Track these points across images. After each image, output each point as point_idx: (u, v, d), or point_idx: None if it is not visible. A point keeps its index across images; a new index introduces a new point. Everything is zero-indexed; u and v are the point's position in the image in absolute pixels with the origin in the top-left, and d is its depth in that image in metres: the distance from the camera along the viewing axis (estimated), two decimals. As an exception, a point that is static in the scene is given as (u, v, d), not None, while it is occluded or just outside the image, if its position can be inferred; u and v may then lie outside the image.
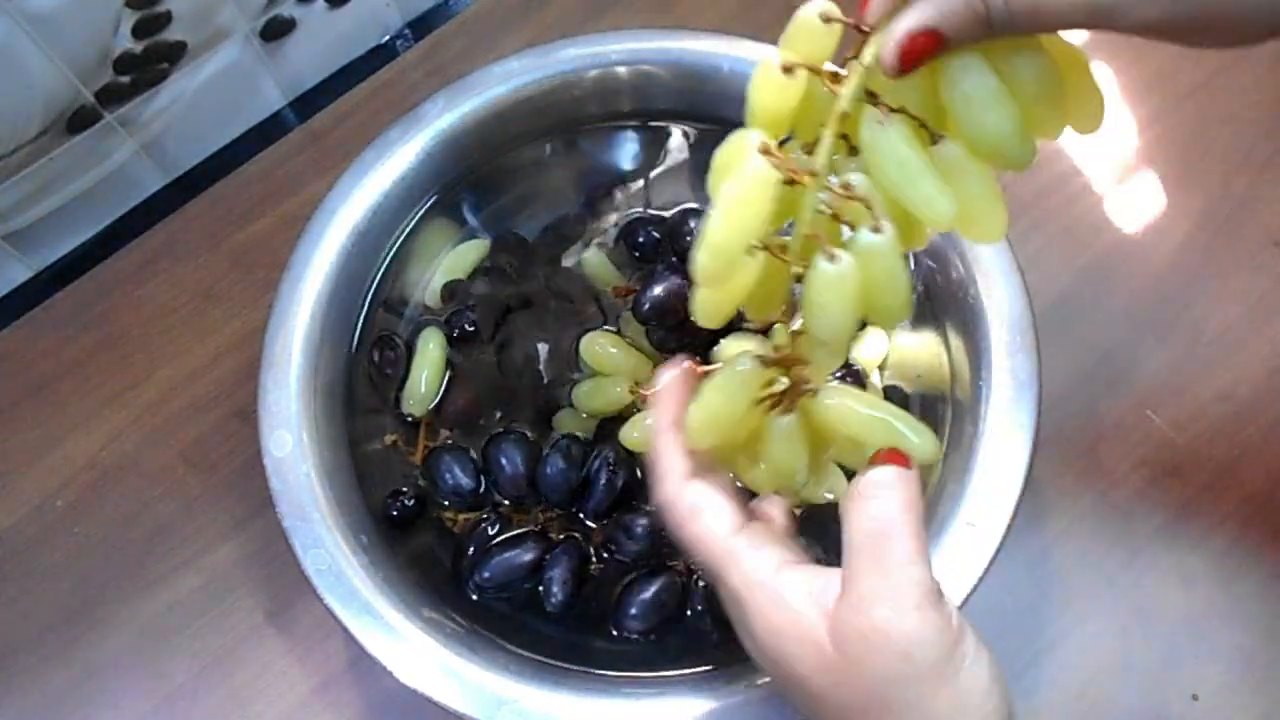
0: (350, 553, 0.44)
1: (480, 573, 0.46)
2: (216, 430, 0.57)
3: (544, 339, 0.53)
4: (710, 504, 0.34)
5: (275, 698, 0.51)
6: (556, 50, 0.54)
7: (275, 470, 0.45)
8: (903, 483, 0.32)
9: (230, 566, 0.54)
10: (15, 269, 0.62)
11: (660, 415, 0.36)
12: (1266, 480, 0.54)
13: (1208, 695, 0.50)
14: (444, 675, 0.42)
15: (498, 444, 0.49)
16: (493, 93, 0.53)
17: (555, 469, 0.47)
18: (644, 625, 0.46)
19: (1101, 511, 0.54)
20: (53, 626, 0.53)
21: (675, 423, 0.36)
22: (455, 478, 0.48)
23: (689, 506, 0.34)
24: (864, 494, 0.32)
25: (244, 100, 0.65)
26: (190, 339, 0.59)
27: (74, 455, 0.57)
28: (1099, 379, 0.57)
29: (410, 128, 0.52)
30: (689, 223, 0.53)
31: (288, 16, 0.62)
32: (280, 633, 0.53)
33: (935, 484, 0.48)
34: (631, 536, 0.46)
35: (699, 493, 0.34)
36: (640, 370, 0.49)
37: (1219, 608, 0.52)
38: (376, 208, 0.51)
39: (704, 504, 0.34)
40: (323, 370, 0.48)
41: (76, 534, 0.55)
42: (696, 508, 0.34)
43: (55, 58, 0.53)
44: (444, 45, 0.68)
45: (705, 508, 0.34)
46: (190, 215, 0.63)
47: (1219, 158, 0.62)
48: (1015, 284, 0.48)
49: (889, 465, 0.32)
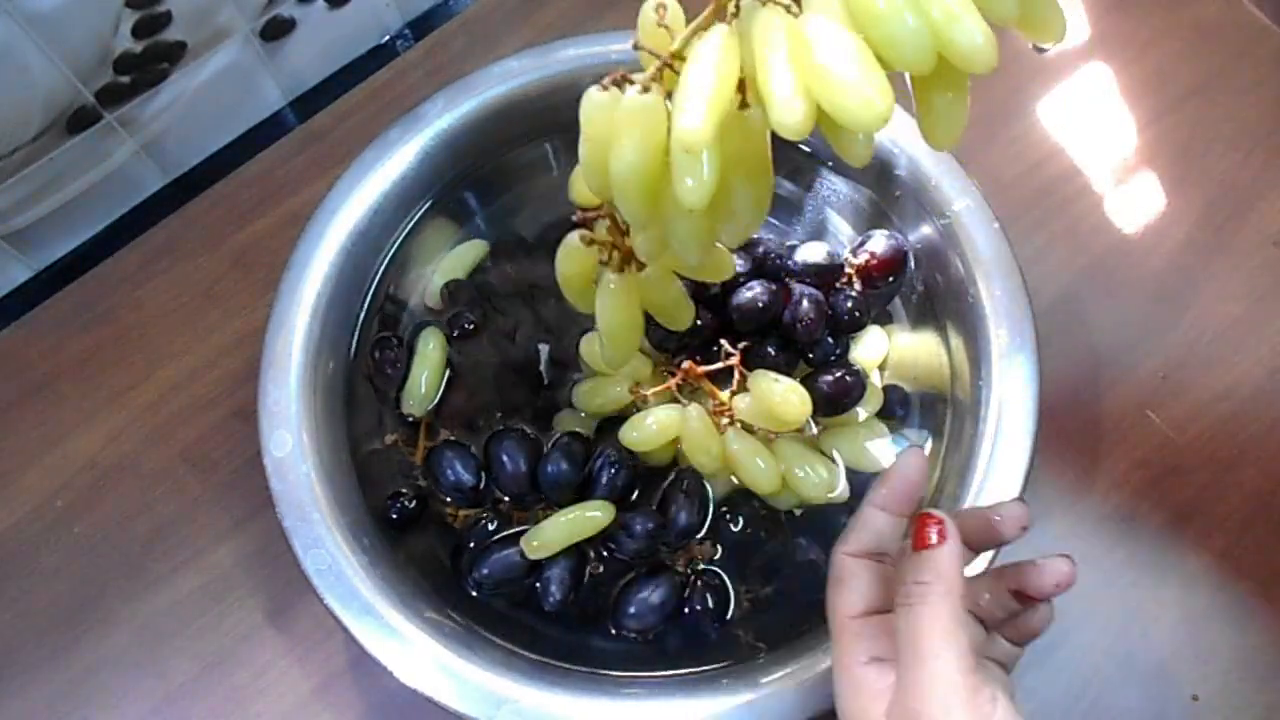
0: (350, 553, 0.44)
1: (479, 569, 0.46)
2: (216, 430, 0.57)
3: (544, 340, 0.53)
4: (853, 582, 0.36)
5: (275, 698, 0.51)
6: (556, 50, 0.54)
7: (275, 470, 0.45)
8: (939, 580, 0.33)
9: (230, 566, 0.54)
10: (15, 269, 0.62)
11: (877, 490, 0.37)
12: (1266, 480, 0.54)
13: (1208, 695, 0.50)
14: (444, 675, 0.42)
15: (499, 441, 0.49)
16: (493, 93, 0.53)
17: (556, 467, 0.47)
18: (642, 625, 0.46)
19: (1101, 511, 0.54)
20: (53, 626, 0.53)
21: (884, 504, 0.37)
22: (456, 474, 0.48)
23: (836, 574, 0.37)
24: (909, 597, 0.33)
25: (244, 100, 0.65)
26: (190, 339, 0.59)
27: (74, 455, 0.57)
28: (1099, 379, 0.57)
29: (410, 128, 0.52)
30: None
31: (288, 16, 0.62)
32: (280, 633, 0.53)
33: (935, 484, 0.48)
34: (631, 535, 0.46)
35: (851, 568, 0.36)
36: (640, 370, 0.49)
37: (1219, 608, 0.52)
38: (376, 208, 0.51)
39: (848, 579, 0.36)
40: (323, 370, 0.48)
41: (76, 534, 0.55)
42: (841, 579, 0.36)
43: (55, 58, 0.53)
44: (444, 45, 0.68)
45: (847, 582, 0.36)
46: (190, 215, 0.63)
47: (1219, 158, 0.62)
48: (1015, 284, 0.48)
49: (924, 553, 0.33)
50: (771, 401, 0.45)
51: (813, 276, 0.49)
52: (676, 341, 0.49)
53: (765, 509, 0.49)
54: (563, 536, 0.45)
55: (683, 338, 0.49)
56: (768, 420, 0.47)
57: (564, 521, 0.45)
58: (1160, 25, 0.66)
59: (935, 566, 0.33)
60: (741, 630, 0.46)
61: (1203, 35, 0.65)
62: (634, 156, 0.32)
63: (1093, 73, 0.65)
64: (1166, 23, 0.66)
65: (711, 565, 0.48)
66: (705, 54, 0.29)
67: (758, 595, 0.47)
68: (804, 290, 0.48)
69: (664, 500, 0.48)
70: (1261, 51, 0.65)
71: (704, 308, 0.49)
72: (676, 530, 0.47)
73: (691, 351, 0.50)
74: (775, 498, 0.48)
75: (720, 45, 0.29)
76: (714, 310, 0.49)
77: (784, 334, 0.49)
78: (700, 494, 0.48)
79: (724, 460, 0.47)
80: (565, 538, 0.46)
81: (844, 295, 0.50)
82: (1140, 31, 0.66)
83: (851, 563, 0.36)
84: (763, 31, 0.29)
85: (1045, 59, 0.66)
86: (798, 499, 0.48)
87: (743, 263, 0.49)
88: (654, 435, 0.47)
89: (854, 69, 0.27)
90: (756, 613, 0.47)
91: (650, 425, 0.47)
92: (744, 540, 0.48)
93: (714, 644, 0.46)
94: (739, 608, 0.47)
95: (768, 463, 0.47)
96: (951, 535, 0.33)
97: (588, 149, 0.35)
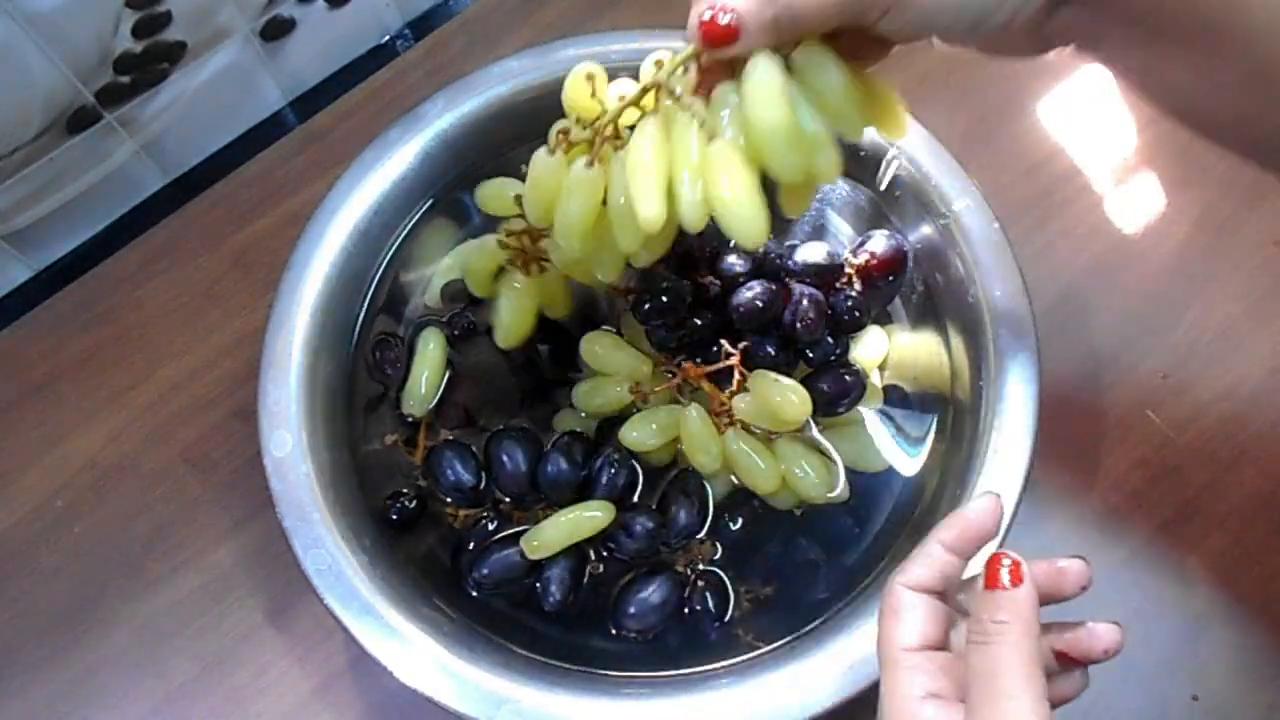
0: (350, 553, 0.44)
1: (479, 569, 0.46)
2: (216, 430, 0.57)
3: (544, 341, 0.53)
4: (910, 614, 0.35)
5: (275, 698, 0.51)
6: (556, 50, 0.54)
7: (275, 470, 0.45)
8: (1018, 620, 0.32)
9: (230, 566, 0.54)
10: (15, 269, 0.62)
11: (948, 529, 0.37)
12: (1266, 480, 0.54)
13: (1208, 695, 0.50)
14: (444, 675, 0.42)
15: (499, 441, 0.49)
16: (493, 93, 0.53)
17: (556, 467, 0.47)
18: (643, 624, 0.46)
19: (1101, 511, 0.54)
20: (53, 626, 0.53)
21: (952, 545, 0.36)
22: (456, 473, 0.48)
23: (893, 605, 0.36)
24: (986, 635, 0.33)
25: (244, 100, 0.65)
26: (190, 339, 0.59)
27: (74, 455, 0.57)
28: (1099, 379, 0.57)
29: (410, 128, 0.52)
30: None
31: (288, 16, 0.62)
32: (280, 633, 0.53)
33: (936, 484, 0.48)
34: (631, 536, 0.46)
35: (909, 601, 0.35)
36: (640, 370, 0.49)
37: (1219, 608, 0.52)
38: (376, 208, 0.51)
39: (905, 611, 0.35)
40: (323, 370, 0.48)
41: (76, 534, 0.55)
42: (897, 610, 0.35)
43: (55, 58, 0.53)
44: (444, 45, 0.68)
45: (903, 614, 0.35)
46: (190, 215, 0.63)
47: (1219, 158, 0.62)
48: (1015, 284, 0.48)
49: (1002, 592, 0.33)
50: (772, 401, 0.45)
51: (813, 276, 0.49)
52: (677, 341, 0.49)
53: (765, 509, 0.49)
54: (563, 537, 0.45)
55: (683, 337, 0.49)
56: (768, 420, 0.47)
57: (564, 522, 0.46)
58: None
59: (1014, 606, 0.33)
60: (741, 630, 0.46)
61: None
62: (578, 212, 0.41)
63: (1093, 73, 0.65)
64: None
65: (711, 565, 0.48)
66: (646, 147, 0.37)
67: (758, 595, 0.47)
68: (804, 290, 0.48)
69: (664, 500, 0.48)
70: (1261, 51, 0.65)
71: (704, 308, 0.49)
72: (676, 530, 0.47)
73: (692, 351, 0.50)
74: (775, 497, 0.48)
75: (656, 139, 0.38)
76: (714, 310, 0.49)
77: (784, 334, 0.49)
78: (700, 494, 0.48)
79: (724, 460, 0.47)
80: (565, 538, 0.46)
81: (844, 295, 0.50)
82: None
83: (910, 595, 0.36)
84: (681, 140, 0.37)
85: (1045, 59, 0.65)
86: (798, 499, 0.48)
87: (743, 263, 0.49)
88: (654, 435, 0.47)
89: (744, 204, 0.36)
90: (756, 613, 0.47)
91: (650, 425, 0.47)
92: (744, 540, 0.48)
93: (714, 644, 0.46)
94: (739, 608, 0.47)
95: (767, 463, 0.47)
96: (1027, 576, 0.33)
97: (533, 194, 0.43)
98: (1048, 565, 0.36)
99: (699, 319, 0.49)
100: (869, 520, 0.48)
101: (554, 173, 0.41)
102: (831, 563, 0.47)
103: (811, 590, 0.47)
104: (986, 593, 0.33)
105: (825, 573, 0.47)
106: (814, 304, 0.48)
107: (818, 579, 0.47)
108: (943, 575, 0.36)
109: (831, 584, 0.47)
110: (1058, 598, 0.36)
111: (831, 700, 0.41)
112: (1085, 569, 0.36)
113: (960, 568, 0.36)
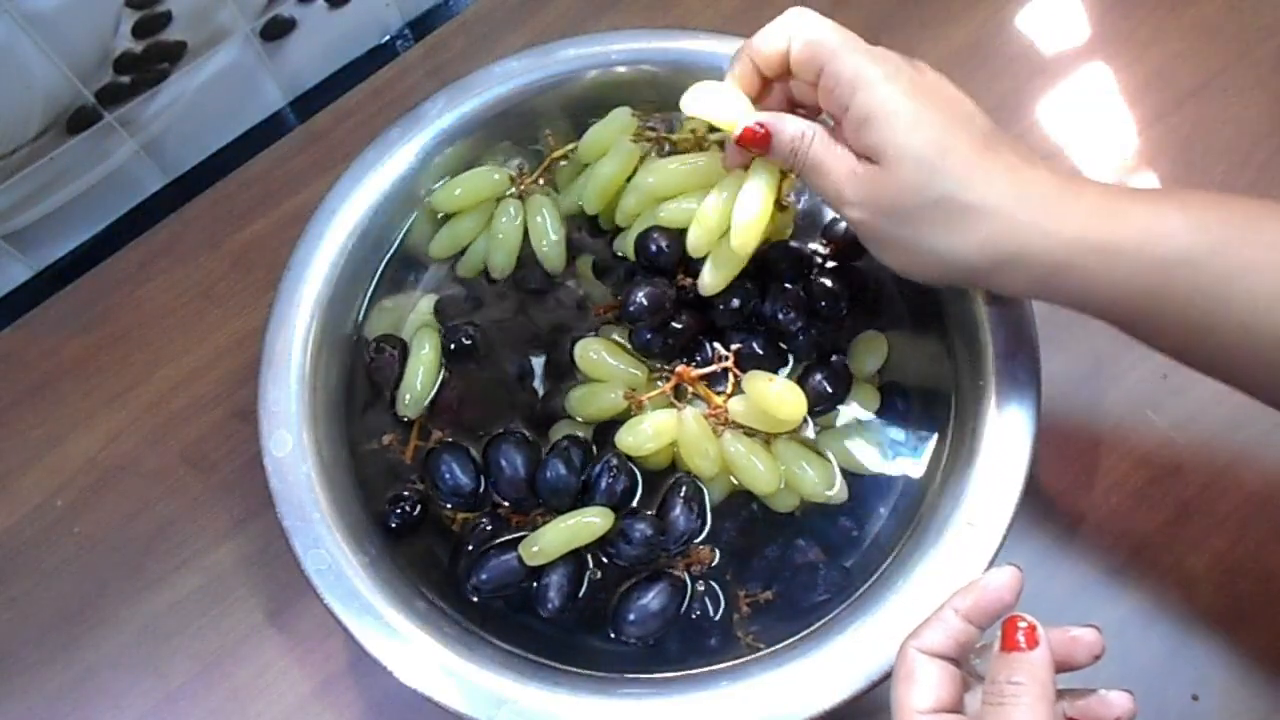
0: (350, 553, 0.44)
1: (478, 575, 0.46)
2: (216, 430, 0.57)
3: (538, 352, 0.52)
4: (924, 678, 0.35)
5: (275, 698, 0.51)
6: (556, 50, 0.54)
7: (275, 470, 0.45)
8: (1034, 683, 0.33)
9: (230, 566, 0.54)
10: (15, 269, 0.62)
11: (964, 597, 0.36)
12: (1266, 480, 0.54)
13: (1208, 695, 0.50)
14: (444, 675, 0.42)
15: (498, 445, 0.49)
16: (493, 93, 0.53)
17: (555, 473, 0.47)
18: (643, 631, 0.45)
19: (1101, 511, 0.54)
20: (53, 626, 0.53)
21: (968, 613, 0.36)
22: (454, 477, 0.48)
23: (907, 669, 0.36)
24: (1002, 697, 0.33)
25: (244, 100, 0.65)
26: (190, 339, 0.59)
27: (74, 455, 0.57)
28: (1099, 379, 0.57)
29: (410, 128, 0.52)
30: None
31: (288, 16, 0.62)
32: (280, 633, 0.53)
33: (936, 484, 0.48)
34: (630, 542, 0.46)
35: (923, 665, 0.35)
36: (634, 376, 0.49)
37: (1219, 608, 0.52)
38: (376, 208, 0.51)
39: (919, 675, 0.35)
40: (322, 370, 0.48)
41: (76, 534, 0.55)
42: (912, 674, 0.35)
43: (55, 58, 0.53)
44: (444, 45, 0.68)
45: (918, 678, 0.35)
46: (190, 215, 0.63)
47: (1219, 158, 0.62)
48: (1015, 284, 0.48)
49: (1018, 654, 0.33)
50: (767, 401, 0.45)
51: (787, 265, 0.51)
52: (660, 343, 0.49)
53: (764, 512, 0.49)
54: (561, 543, 0.45)
55: (666, 339, 0.49)
56: (763, 421, 0.47)
57: (563, 528, 0.45)
58: (1160, 25, 0.66)
59: (1030, 669, 0.33)
60: (741, 632, 0.46)
61: (1203, 35, 0.65)
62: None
63: (1093, 73, 0.65)
64: (1166, 23, 0.66)
65: (711, 569, 0.48)
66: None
67: (757, 598, 0.47)
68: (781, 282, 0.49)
69: (663, 505, 0.48)
70: (1261, 51, 0.65)
71: (686, 309, 0.50)
72: (675, 535, 0.47)
73: (676, 353, 0.50)
74: (774, 499, 0.48)
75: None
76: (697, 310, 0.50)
77: (768, 326, 0.49)
78: (699, 498, 0.48)
79: (722, 463, 0.47)
80: (564, 544, 0.45)
81: (818, 282, 0.50)
82: (1140, 31, 0.66)
83: (924, 659, 0.35)
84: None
85: (1046, 59, 0.66)
86: (797, 500, 0.48)
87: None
88: (649, 439, 0.47)
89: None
90: (756, 616, 0.47)
91: (645, 430, 0.47)
92: (743, 543, 0.48)
93: (714, 646, 0.46)
94: (739, 610, 0.47)
95: (766, 463, 0.47)
96: (1043, 639, 0.33)
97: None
98: (1061, 633, 0.36)
99: (677, 322, 0.49)
100: (868, 522, 0.48)
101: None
102: (831, 565, 0.47)
103: (811, 592, 0.47)
104: (1003, 654, 0.33)
105: (825, 575, 0.47)
106: (791, 291, 0.49)
107: (817, 581, 0.47)
108: (956, 642, 0.36)
109: (831, 586, 0.46)
110: (1071, 666, 0.36)
111: (831, 700, 0.41)
112: (1099, 639, 0.36)
113: (976, 636, 0.36)
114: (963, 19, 0.67)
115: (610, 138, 0.51)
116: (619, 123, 0.51)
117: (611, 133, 0.51)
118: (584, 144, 0.52)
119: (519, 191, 0.53)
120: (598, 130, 0.51)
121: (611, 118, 0.51)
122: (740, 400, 0.47)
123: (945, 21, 0.67)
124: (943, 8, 0.67)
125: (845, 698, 0.41)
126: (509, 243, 0.52)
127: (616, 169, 0.50)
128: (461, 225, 0.53)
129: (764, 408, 0.46)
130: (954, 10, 0.67)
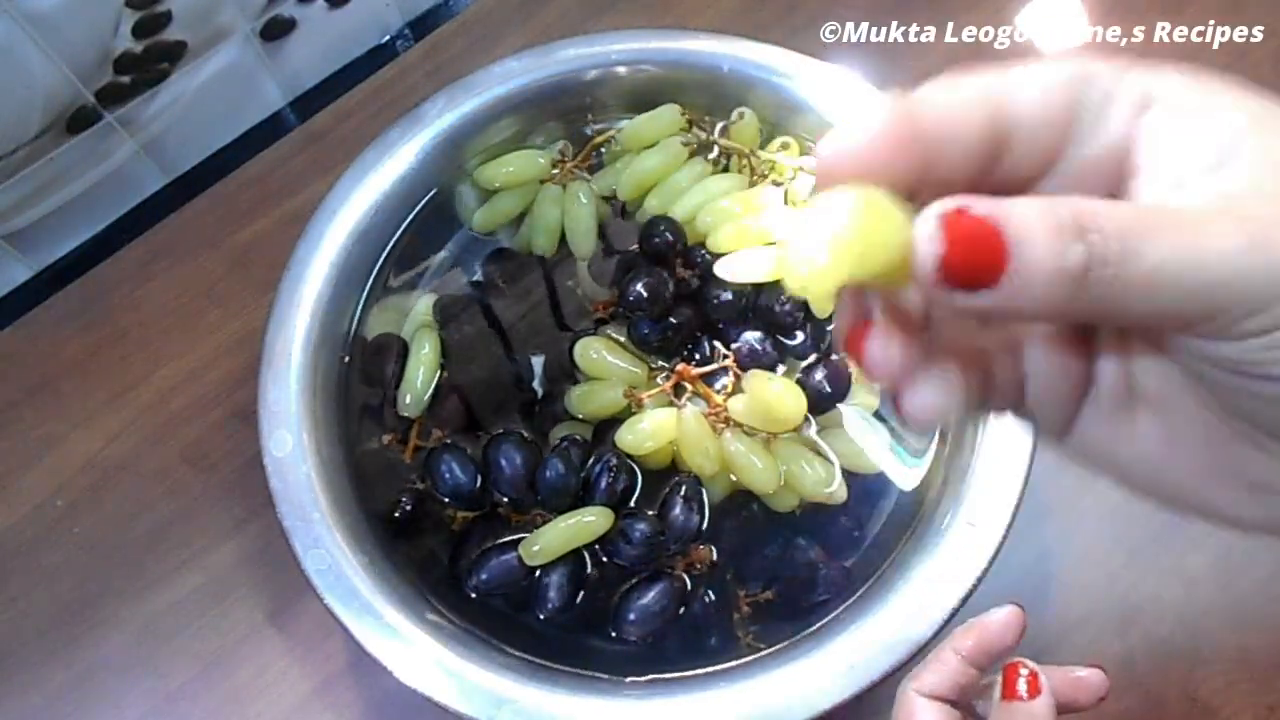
0: (350, 552, 0.44)
1: (477, 574, 0.46)
2: (216, 430, 0.57)
3: (538, 352, 0.52)
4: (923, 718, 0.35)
5: (275, 698, 0.51)
6: (556, 50, 0.54)
7: (275, 470, 0.45)
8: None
9: (230, 566, 0.54)
10: (15, 269, 0.62)
11: (964, 638, 0.36)
12: (1266, 480, 0.54)
13: (1208, 695, 0.50)
14: (444, 675, 0.42)
15: (498, 445, 0.49)
16: (493, 93, 0.53)
17: (555, 473, 0.47)
18: (644, 631, 0.45)
19: (1101, 511, 0.54)
20: (53, 626, 0.53)
21: (969, 655, 0.36)
22: (454, 476, 0.48)
23: (908, 713, 0.35)
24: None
25: (244, 100, 0.65)
26: (190, 339, 0.59)
27: (74, 455, 0.57)
28: (1099, 379, 0.57)
29: (410, 128, 0.52)
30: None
31: (288, 16, 0.62)
32: (280, 633, 0.53)
33: (936, 484, 0.48)
34: (630, 542, 0.46)
35: (923, 709, 0.35)
36: (634, 374, 0.49)
37: (1219, 608, 0.52)
38: (376, 208, 0.51)
39: (918, 717, 0.35)
40: (323, 370, 0.48)
41: (76, 534, 0.55)
42: (911, 716, 0.35)
43: (55, 58, 0.53)
44: (444, 45, 0.68)
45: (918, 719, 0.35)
46: (190, 215, 0.63)
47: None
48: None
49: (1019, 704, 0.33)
50: (768, 400, 0.45)
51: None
52: (659, 336, 0.50)
53: (765, 511, 0.49)
54: (561, 543, 0.45)
55: (663, 333, 0.49)
56: (764, 420, 0.47)
57: (563, 528, 0.45)
58: (1160, 25, 0.66)
59: (1031, 719, 0.33)
60: (741, 632, 0.46)
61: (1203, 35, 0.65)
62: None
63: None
64: (1166, 23, 0.66)
65: (711, 568, 0.48)
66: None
67: (757, 598, 0.47)
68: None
69: (663, 505, 0.48)
70: (1261, 51, 0.65)
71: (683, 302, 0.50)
72: (675, 534, 0.47)
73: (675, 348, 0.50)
74: (774, 498, 0.48)
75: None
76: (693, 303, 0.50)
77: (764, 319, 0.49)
78: (699, 497, 0.48)
79: (722, 462, 0.47)
80: (564, 544, 0.45)
81: None
82: (1140, 32, 0.66)
83: (924, 702, 0.35)
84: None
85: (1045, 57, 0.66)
86: (797, 499, 0.48)
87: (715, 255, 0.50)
88: (649, 438, 0.47)
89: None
90: (756, 615, 0.47)
91: (645, 428, 0.47)
92: (744, 543, 0.48)
93: (714, 646, 0.46)
94: (739, 610, 0.47)
95: (766, 462, 0.47)
96: (1045, 688, 0.33)
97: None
98: (1063, 674, 0.35)
99: (674, 317, 0.50)
100: (869, 522, 0.48)
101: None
102: (831, 565, 0.47)
103: (811, 592, 0.47)
104: (1004, 704, 0.33)
105: (825, 575, 0.47)
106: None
107: (817, 581, 0.47)
108: (957, 685, 0.35)
109: (831, 586, 0.46)
110: (1074, 708, 0.35)
111: (831, 700, 0.41)
112: (1103, 680, 0.36)
113: (976, 678, 0.36)
114: (963, 19, 0.67)
115: (655, 131, 0.52)
116: (666, 118, 0.52)
117: (658, 127, 0.52)
118: (628, 132, 0.53)
119: (560, 178, 0.54)
120: (644, 121, 0.53)
121: (659, 112, 0.53)
122: (740, 399, 0.47)
123: (945, 21, 0.67)
124: (943, 8, 0.67)
125: (845, 698, 0.41)
126: (550, 224, 0.54)
127: (660, 165, 0.52)
128: (504, 201, 0.54)
129: (764, 407, 0.46)
130: (954, 10, 0.67)
